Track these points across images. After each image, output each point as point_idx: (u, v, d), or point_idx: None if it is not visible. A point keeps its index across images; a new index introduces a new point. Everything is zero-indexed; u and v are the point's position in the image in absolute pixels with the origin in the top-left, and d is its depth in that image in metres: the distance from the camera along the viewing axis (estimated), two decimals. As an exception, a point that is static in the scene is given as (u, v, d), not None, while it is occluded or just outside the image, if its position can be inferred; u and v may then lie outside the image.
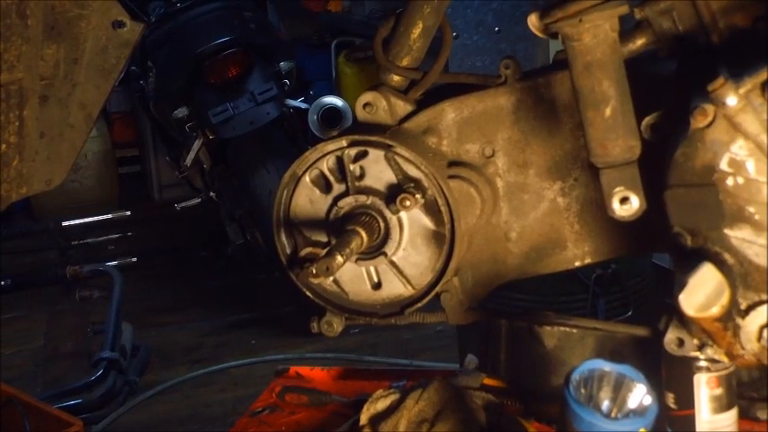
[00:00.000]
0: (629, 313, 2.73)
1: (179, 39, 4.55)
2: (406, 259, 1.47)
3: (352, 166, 1.45)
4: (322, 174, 1.48)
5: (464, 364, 1.80)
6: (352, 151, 1.46)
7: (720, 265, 1.25)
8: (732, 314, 1.27)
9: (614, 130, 1.27)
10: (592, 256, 1.54)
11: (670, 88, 1.34)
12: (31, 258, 5.10)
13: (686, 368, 1.38)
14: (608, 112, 1.26)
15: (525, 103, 1.49)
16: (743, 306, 1.27)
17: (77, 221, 4.71)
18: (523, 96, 1.49)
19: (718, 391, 1.38)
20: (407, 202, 1.40)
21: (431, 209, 1.45)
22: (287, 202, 1.50)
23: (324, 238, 1.49)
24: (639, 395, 1.32)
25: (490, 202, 1.51)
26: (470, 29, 4.34)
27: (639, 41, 1.35)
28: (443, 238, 1.45)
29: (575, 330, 1.62)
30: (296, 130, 4.55)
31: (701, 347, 1.35)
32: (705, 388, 1.37)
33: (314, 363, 3.73)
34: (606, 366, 1.34)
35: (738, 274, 1.26)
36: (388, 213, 1.45)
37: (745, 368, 1.47)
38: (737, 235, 1.24)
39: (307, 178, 1.48)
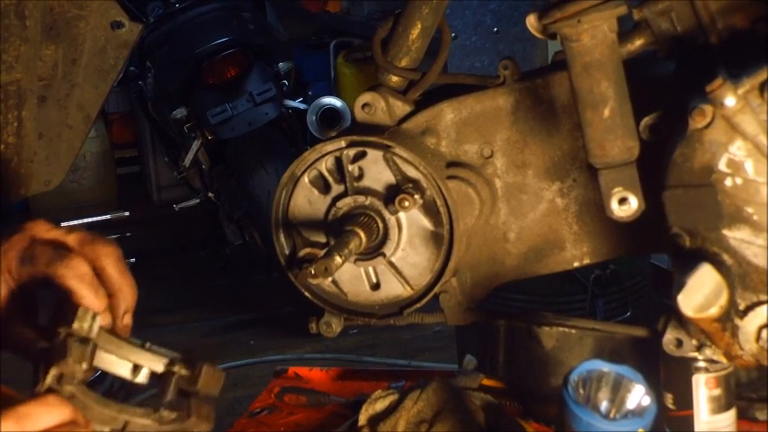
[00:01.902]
0: (628, 314, 2.73)
1: (177, 39, 4.56)
2: (405, 260, 1.47)
3: (350, 167, 1.45)
4: (321, 174, 1.48)
5: (463, 365, 1.80)
6: (351, 152, 1.45)
7: (719, 265, 1.25)
8: (731, 315, 1.27)
9: (613, 130, 1.27)
10: (590, 257, 1.54)
11: (668, 89, 1.34)
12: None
13: (685, 369, 1.38)
14: (606, 112, 1.26)
15: (524, 104, 1.49)
16: (741, 307, 1.27)
17: (76, 222, 4.70)
18: (522, 97, 1.49)
19: (717, 391, 1.38)
20: (406, 203, 1.40)
21: (429, 209, 1.45)
22: (285, 202, 1.50)
23: (322, 239, 1.49)
24: (638, 396, 1.32)
25: (489, 203, 1.51)
26: (469, 29, 4.34)
27: (638, 42, 1.35)
28: (442, 239, 1.45)
29: (573, 331, 1.62)
30: (295, 130, 4.56)
31: (699, 348, 1.35)
32: (704, 388, 1.37)
33: (313, 363, 3.72)
34: (605, 367, 1.34)
35: (737, 274, 1.26)
36: (386, 214, 1.45)
37: (744, 369, 1.47)
38: (736, 235, 1.24)
39: (305, 179, 1.48)
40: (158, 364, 1.10)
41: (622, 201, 1.28)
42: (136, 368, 1.11)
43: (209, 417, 1.07)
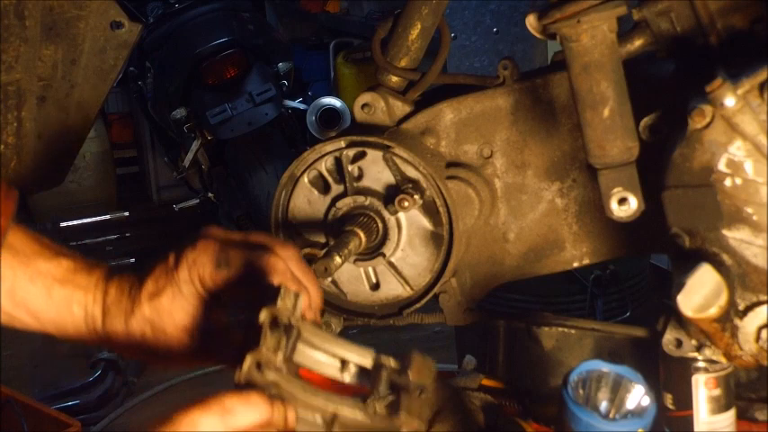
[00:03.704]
0: (628, 314, 2.73)
1: (177, 40, 4.56)
2: (405, 260, 1.47)
3: (350, 167, 1.45)
4: (320, 174, 1.48)
5: (462, 365, 1.80)
6: (351, 152, 1.45)
7: (718, 265, 1.25)
8: (730, 315, 1.27)
9: (612, 130, 1.27)
10: (590, 257, 1.54)
11: (668, 89, 1.34)
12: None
13: (684, 369, 1.38)
14: (606, 112, 1.26)
15: (523, 104, 1.49)
16: (741, 307, 1.27)
17: (75, 222, 4.70)
18: (521, 97, 1.49)
19: (717, 391, 1.37)
20: (406, 203, 1.40)
21: (429, 210, 1.45)
22: (285, 203, 1.50)
23: (322, 239, 1.49)
24: (637, 396, 1.32)
25: (488, 203, 1.51)
26: (468, 30, 4.33)
27: (638, 42, 1.35)
28: (441, 239, 1.45)
29: (573, 331, 1.62)
30: (294, 130, 4.56)
31: (699, 348, 1.35)
32: (703, 388, 1.37)
33: (312, 363, 3.71)
34: (604, 367, 1.34)
35: (736, 274, 1.26)
36: (386, 214, 1.45)
37: (744, 369, 1.47)
38: (736, 236, 1.24)
39: (305, 179, 1.48)
40: (367, 359, 1.04)
41: (622, 201, 1.29)
42: (344, 364, 1.05)
43: (422, 414, 1.02)
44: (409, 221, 1.46)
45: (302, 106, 4.41)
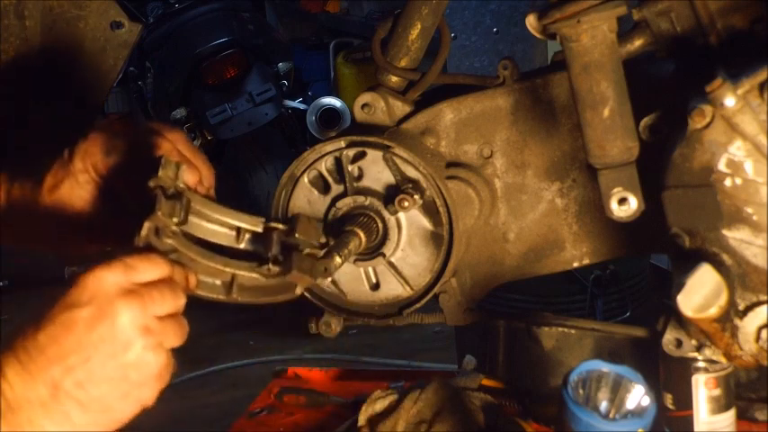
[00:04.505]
0: (628, 314, 2.74)
1: (177, 40, 4.56)
2: (405, 260, 1.47)
3: (350, 167, 1.45)
4: (320, 174, 1.48)
5: (462, 365, 1.80)
6: (351, 152, 1.45)
7: (718, 265, 1.25)
8: (730, 315, 1.27)
9: (612, 130, 1.27)
10: (590, 257, 1.54)
11: (668, 89, 1.34)
12: (30, 259, 5.10)
13: (684, 369, 1.38)
14: (606, 112, 1.26)
15: (523, 104, 1.49)
16: (741, 307, 1.27)
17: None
18: (522, 97, 1.49)
19: (717, 391, 1.38)
20: (406, 203, 1.40)
21: (429, 210, 1.45)
22: (285, 203, 1.50)
23: (322, 239, 1.48)
24: (637, 396, 1.32)
25: (488, 203, 1.51)
26: (468, 30, 4.33)
27: (638, 42, 1.35)
28: (442, 239, 1.45)
29: (573, 331, 1.62)
30: (294, 130, 4.56)
31: (699, 348, 1.35)
32: (703, 388, 1.37)
33: (312, 363, 3.72)
34: (604, 367, 1.34)
35: (736, 274, 1.26)
36: (386, 214, 1.45)
37: (744, 369, 1.47)
38: (736, 236, 1.24)
39: (305, 179, 1.48)
40: (258, 225, 1.12)
41: (622, 201, 1.28)
42: (239, 233, 1.12)
43: (311, 270, 1.11)
44: (409, 221, 1.46)
45: (302, 106, 4.42)
